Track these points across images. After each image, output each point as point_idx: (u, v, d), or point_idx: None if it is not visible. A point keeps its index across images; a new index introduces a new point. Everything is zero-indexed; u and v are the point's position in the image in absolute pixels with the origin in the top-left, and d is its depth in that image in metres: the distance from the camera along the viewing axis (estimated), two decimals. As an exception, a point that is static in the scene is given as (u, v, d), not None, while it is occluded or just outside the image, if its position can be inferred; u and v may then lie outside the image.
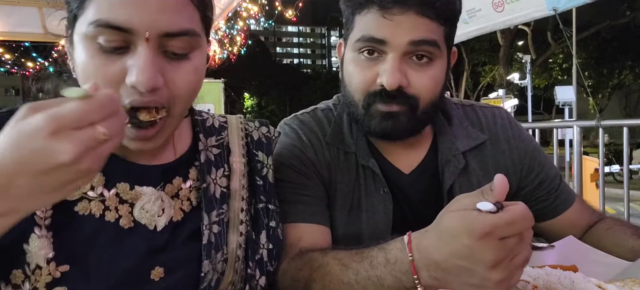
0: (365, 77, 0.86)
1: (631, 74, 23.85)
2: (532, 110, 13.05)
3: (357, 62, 0.87)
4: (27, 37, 6.30)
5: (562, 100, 9.06)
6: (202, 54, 0.67)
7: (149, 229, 0.70)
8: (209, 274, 0.71)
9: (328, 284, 0.73)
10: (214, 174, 0.78)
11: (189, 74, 0.64)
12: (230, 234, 0.76)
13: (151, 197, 0.71)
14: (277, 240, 0.82)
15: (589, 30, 19.75)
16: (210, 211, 0.74)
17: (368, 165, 0.93)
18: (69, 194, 0.58)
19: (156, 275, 0.69)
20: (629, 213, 2.51)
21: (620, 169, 8.29)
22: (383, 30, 0.82)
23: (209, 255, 0.71)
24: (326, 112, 1.01)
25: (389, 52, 0.83)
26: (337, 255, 0.75)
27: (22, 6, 5.09)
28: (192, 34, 0.63)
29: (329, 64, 78.34)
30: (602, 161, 2.56)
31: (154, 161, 0.73)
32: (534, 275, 0.75)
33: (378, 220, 0.92)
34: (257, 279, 0.78)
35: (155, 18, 0.59)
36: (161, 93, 0.62)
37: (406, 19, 0.81)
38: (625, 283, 0.73)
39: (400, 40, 0.82)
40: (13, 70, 9.60)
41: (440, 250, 0.60)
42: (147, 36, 0.59)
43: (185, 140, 0.80)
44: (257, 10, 6.25)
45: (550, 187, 1.01)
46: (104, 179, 0.70)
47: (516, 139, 1.02)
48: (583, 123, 2.66)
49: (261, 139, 0.89)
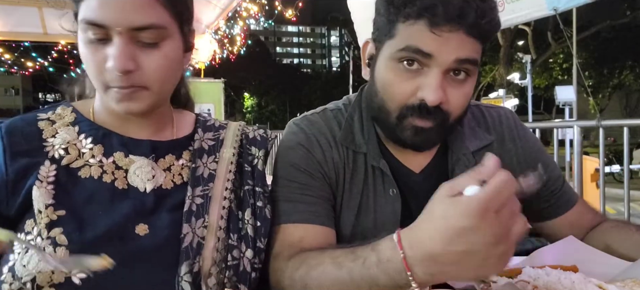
0: (405, 89, 0.84)
1: (631, 74, 23.85)
2: (532, 110, 13.05)
3: (396, 71, 0.84)
4: (27, 37, 6.30)
5: (563, 100, 9.06)
6: (174, 43, 0.78)
7: (140, 192, 0.81)
8: (189, 236, 0.78)
9: (324, 283, 0.73)
10: (205, 159, 0.88)
11: (159, 59, 0.76)
12: (212, 206, 0.83)
13: (143, 163, 0.83)
14: (264, 219, 0.86)
15: (589, 30, 19.75)
16: (195, 186, 0.84)
17: (378, 166, 0.93)
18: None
19: (141, 230, 0.78)
20: (629, 213, 2.51)
21: (621, 169, 8.29)
22: (431, 45, 0.79)
23: (188, 220, 0.80)
24: (335, 112, 1.01)
25: (433, 66, 0.81)
26: (333, 254, 0.75)
27: (22, 6, 5.09)
28: (157, 27, 0.74)
29: (329, 64, 78.35)
30: (603, 161, 2.56)
31: (154, 137, 0.86)
32: (534, 275, 0.75)
33: (386, 221, 0.92)
34: (242, 251, 0.82)
35: (124, 16, 0.72)
36: (136, 75, 0.75)
37: (455, 36, 0.79)
38: (625, 283, 0.73)
39: (447, 57, 0.80)
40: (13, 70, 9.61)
41: (435, 241, 0.58)
42: (120, 30, 0.73)
43: (185, 131, 0.91)
44: (257, 10, 6.25)
45: (553, 188, 1.01)
46: (103, 148, 0.82)
47: (522, 139, 1.02)
48: (583, 123, 2.66)
49: (256, 136, 0.95)
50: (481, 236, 0.55)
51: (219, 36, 6.91)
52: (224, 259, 0.80)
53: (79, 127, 0.84)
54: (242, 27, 7.00)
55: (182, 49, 0.81)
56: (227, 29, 7.02)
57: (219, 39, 6.94)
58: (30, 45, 7.44)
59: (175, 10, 0.77)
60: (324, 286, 0.73)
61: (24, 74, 8.38)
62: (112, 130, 0.84)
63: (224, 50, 7.21)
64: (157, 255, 0.77)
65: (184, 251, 0.77)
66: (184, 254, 0.77)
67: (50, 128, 0.83)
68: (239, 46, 7.31)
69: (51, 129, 0.83)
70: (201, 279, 0.76)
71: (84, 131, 0.84)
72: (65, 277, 0.71)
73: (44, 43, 6.77)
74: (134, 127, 0.85)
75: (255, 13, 6.34)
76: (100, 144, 0.83)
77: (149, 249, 0.77)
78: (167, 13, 0.75)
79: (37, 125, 0.83)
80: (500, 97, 13.02)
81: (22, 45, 7.76)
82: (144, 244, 0.77)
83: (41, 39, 5.86)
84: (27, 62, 8.41)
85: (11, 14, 5.29)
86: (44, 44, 6.98)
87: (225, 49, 7.25)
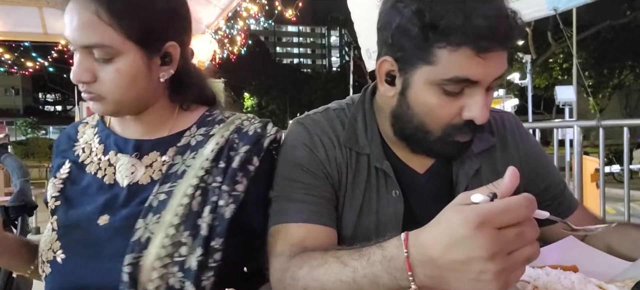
0: (450, 111, 0.82)
1: (631, 74, 23.86)
2: (532, 110, 13.05)
3: (439, 95, 0.81)
4: (27, 37, 6.31)
5: (563, 100, 9.06)
6: (127, 59, 0.83)
7: (120, 186, 0.89)
8: (140, 231, 0.82)
9: (326, 282, 0.73)
10: (186, 155, 0.90)
11: (111, 73, 0.83)
12: (171, 202, 0.85)
13: (125, 160, 0.91)
14: (222, 218, 0.84)
15: (589, 30, 19.76)
16: (164, 183, 0.87)
17: (381, 167, 0.92)
18: None
19: (102, 220, 0.86)
20: (629, 213, 2.51)
21: (621, 168, 8.29)
22: (478, 71, 0.78)
23: (145, 216, 0.84)
24: (338, 112, 0.99)
25: (477, 87, 0.80)
26: (337, 254, 0.75)
27: (22, 6, 5.10)
28: (102, 46, 0.81)
29: (329, 64, 78.34)
30: (603, 161, 2.55)
31: (144, 137, 0.94)
32: (534, 275, 0.75)
33: (388, 223, 0.92)
34: (192, 249, 0.82)
35: (74, 36, 0.81)
36: (95, 86, 0.84)
37: (497, 55, 0.78)
38: (625, 283, 0.73)
39: (490, 78, 0.80)
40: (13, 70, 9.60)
41: (436, 245, 0.58)
42: (75, 47, 0.83)
43: (183, 128, 0.95)
44: (257, 10, 6.26)
45: (554, 192, 1.01)
46: (103, 147, 0.94)
47: (524, 143, 1.02)
48: (583, 123, 2.65)
49: (248, 131, 0.93)
50: (477, 248, 0.54)
51: (219, 36, 6.91)
52: (170, 254, 0.81)
53: (97, 129, 0.98)
54: (242, 27, 7.01)
55: (144, 63, 0.85)
56: (227, 29, 7.02)
57: (219, 39, 6.94)
58: (30, 45, 7.45)
59: (126, 30, 0.82)
60: (326, 285, 0.73)
61: (24, 74, 8.38)
62: (113, 131, 0.95)
63: (224, 50, 7.21)
64: (108, 245, 0.83)
65: (131, 244, 0.81)
66: (130, 247, 0.81)
67: (82, 130, 1.01)
68: (239, 46, 7.32)
69: (82, 130, 1.00)
70: (140, 272, 0.79)
71: (98, 133, 0.97)
72: (53, 256, 0.86)
73: (44, 43, 6.77)
74: (129, 127, 0.94)
75: (255, 13, 6.34)
76: (103, 144, 0.94)
77: (101, 239, 0.84)
78: (114, 33, 0.81)
79: (77, 128, 1.02)
80: (500, 97, 13.02)
81: (22, 45, 7.77)
82: (99, 234, 0.84)
83: (41, 39, 5.87)
84: (27, 62, 8.42)
85: (11, 13, 5.30)
86: (44, 44, 6.98)
87: (225, 49, 7.25)
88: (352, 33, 3.65)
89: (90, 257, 0.84)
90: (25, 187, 1.33)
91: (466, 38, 0.75)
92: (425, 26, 0.77)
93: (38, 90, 50.70)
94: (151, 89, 0.89)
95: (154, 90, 0.90)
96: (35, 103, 51.40)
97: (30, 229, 1.28)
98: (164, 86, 0.92)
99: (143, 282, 0.79)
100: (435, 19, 0.76)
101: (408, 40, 0.81)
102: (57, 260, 0.86)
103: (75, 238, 0.86)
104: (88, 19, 0.80)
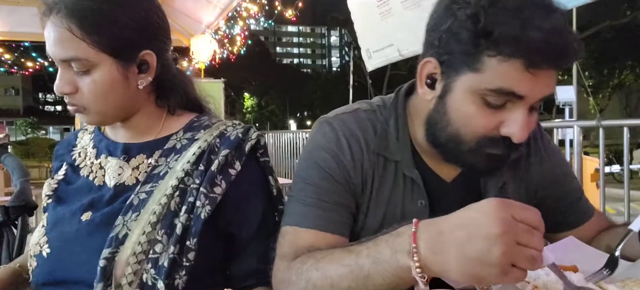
0: (488, 123, 0.78)
1: (632, 74, 23.86)
2: (532, 110, 12.98)
3: (479, 105, 0.77)
4: (27, 37, 6.31)
5: (563, 100, 9.03)
6: (103, 70, 0.86)
7: (107, 187, 0.92)
8: (118, 228, 0.85)
9: (329, 270, 0.73)
10: (170, 158, 0.93)
11: (89, 84, 0.87)
12: (150, 201, 0.87)
13: (113, 163, 0.94)
14: (197, 218, 0.86)
15: (589, 30, 19.75)
16: (146, 183, 0.90)
17: (411, 176, 0.90)
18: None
19: (85, 217, 0.89)
20: (629, 213, 2.50)
21: (621, 168, 8.28)
22: (525, 86, 0.73)
23: (125, 213, 0.86)
24: (369, 114, 0.94)
25: (521, 103, 0.75)
26: (346, 244, 0.76)
27: (22, 6, 5.09)
28: (78, 59, 0.85)
29: (329, 64, 78.27)
30: (603, 161, 2.55)
31: (132, 140, 0.97)
32: (533, 275, 0.75)
33: None
34: (165, 247, 0.83)
35: (53, 50, 0.86)
36: (76, 97, 0.88)
37: (547, 74, 0.74)
38: (625, 284, 0.73)
39: (537, 96, 0.75)
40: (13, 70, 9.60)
41: (447, 220, 0.63)
42: (56, 61, 0.87)
43: (171, 132, 0.97)
44: (257, 10, 6.25)
45: (571, 199, 1.00)
46: (96, 151, 0.99)
47: (546, 151, 1.00)
48: (583, 123, 2.65)
49: (230, 136, 0.93)
50: (489, 225, 0.58)
51: (219, 36, 6.91)
52: (145, 251, 0.83)
53: (93, 134, 1.03)
54: (242, 27, 7.00)
55: (120, 72, 0.88)
56: (227, 29, 7.02)
57: (219, 39, 6.94)
58: (30, 45, 7.44)
59: (97, 43, 0.85)
60: (329, 272, 0.73)
61: (24, 74, 8.38)
62: (106, 136, 1.00)
63: (224, 50, 7.20)
64: (88, 240, 0.86)
65: (109, 239, 0.83)
66: (108, 242, 0.83)
67: (81, 136, 1.05)
68: (239, 46, 7.31)
69: (81, 136, 1.05)
70: (114, 266, 0.82)
71: (94, 138, 1.02)
72: (39, 250, 0.90)
73: (43, 43, 6.76)
74: (119, 132, 0.98)
75: (255, 13, 6.33)
76: (96, 148, 0.99)
77: (82, 234, 0.87)
78: (87, 46, 0.85)
79: (77, 134, 1.07)
80: (500, 97, 12.95)
81: (22, 45, 7.76)
82: (81, 229, 0.88)
83: (41, 38, 5.84)
84: (27, 62, 8.41)
85: (11, 13, 5.30)
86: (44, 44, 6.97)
87: (225, 49, 7.25)
88: (352, 33, 3.65)
89: (71, 251, 0.87)
90: (25, 187, 1.33)
91: (518, 50, 0.71)
92: (478, 32, 0.73)
93: (38, 90, 50.72)
94: (131, 96, 0.91)
95: (136, 97, 0.92)
96: (35, 103, 51.41)
97: (31, 229, 1.28)
98: (147, 92, 0.94)
99: (117, 277, 0.81)
100: (489, 26, 0.72)
101: (457, 44, 0.76)
102: (43, 254, 0.89)
103: (59, 233, 0.90)
104: (62, 35, 0.85)
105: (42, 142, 30.00)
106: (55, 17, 0.85)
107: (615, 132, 2.86)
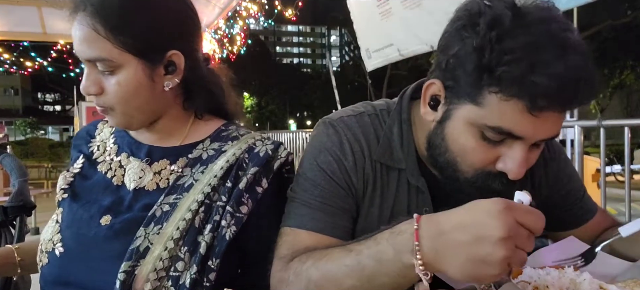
0: (484, 158, 0.76)
1: (632, 74, 23.86)
2: (532, 110, 12.97)
3: (477, 139, 0.75)
4: (27, 37, 6.31)
5: (563, 100, 9.03)
6: (128, 71, 0.84)
7: (126, 189, 0.90)
8: (140, 239, 0.82)
9: (330, 269, 0.72)
10: (196, 169, 0.90)
11: (114, 85, 0.85)
12: (174, 215, 0.84)
13: (135, 164, 0.92)
14: (222, 239, 0.83)
15: (589, 30, 19.75)
16: (170, 194, 0.87)
17: (416, 184, 0.88)
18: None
19: (104, 221, 0.86)
20: (630, 213, 2.50)
21: (622, 169, 8.27)
22: (525, 128, 0.70)
23: (147, 225, 0.83)
24: (373, 118, 0.92)
25: (521, 142, 0.73)
26: (343, 244, 0.75)
27: (21, 6, 5.09)
28: (103, 59, 0.83)
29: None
30: (604, 161, 2.55)
31: (156, 144, 0.94)
32: (534, 276, 0.75)
33: None
34: (188, 265, 0.81)
35: (79, 50, 0.85)
36: (103, 97, 0.86)
37: (552, 116, 0.70)
38: (626, 284, 0.73)
39: (538, 138, 0.73)
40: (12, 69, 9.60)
41: (450, 220, 0.62)
42: (82, 61, 0.86)
43: (196, 139, 0.94)
44: (257, 10, 6.25)
45: (575, 197, 1.00)
46: (117, 148, 0.96)
47: (551, 151, 0.99)
48: (584, 123, 2.64)
49: (260, 152, 0.90)
50: (494, 228, 0.58)
51: (219, 36, 6.91)
52: (166, 268, 0.80)
53: (114, 129, 1.00)
54: (241, 26, 7.00)
55: (146, 74, 0.85)
56: (226, 28, 7.02)
57: (219, 39, 6.94)
58: (30, 44, 7.44)
59: (123, 43, 0.83)
60: (330, 272, 0.72)
61: (23, 73, 8.37)
62: (129, 134, 0.97)
63: (224, 50, 7.20)
64: (105, 246, 0.83)
65: (129, 252, 0.81)
66: (128, 254, 0.80)
67: (101, 127, 1.03)
68: (238, 46, 7.31)
69: (101, 128, 1.03)
70: (134, 280, 0.78)
71: (114, 133, 1.00)
72: (52, 248, 0.87)
73: (43, 43, 6.76)
74: (143, 133, 0.95)
75: (255, 13, 6.34)
76: (117, 145, 0.97)
77: (100, 239, 0.84)
78: (112, 46, 0.83)
79: (97, 125, 1.04)
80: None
81: (22, 45, 7.76)
82: (99, 233, 0.85)
83: (40, 38, 5.85)
84: (27, 61, 8.41)
85: (11, 13, 5.29)
86: (43, 43, 6.97)
87: (225, 49, 7.25)
88: (352, 33, 3.64)
89: (87, 255, 0.84)
90: (23, 187, 1.33)
91: (521, 92, 0.68)
92: (482, 66, 0.69)
93: (37, 90, 50.70)
94: (157, 98, 0.88)
95: (162, 99, 0.89)
96: (35, 103, 51.40)
97: (29, 229, 1.28)
98: (174, 95, 0.91)
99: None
100: (493, 62, 0.68)
101: (462, 73, 0.73)
102: (56, 253, 0.87)
103: (76, 234, 0.87)
104: (87, 34, 0.83)
105: (41, 142, 30.02)
106: (81, 16, 0.83)
107: (616, 132, 2.86)
